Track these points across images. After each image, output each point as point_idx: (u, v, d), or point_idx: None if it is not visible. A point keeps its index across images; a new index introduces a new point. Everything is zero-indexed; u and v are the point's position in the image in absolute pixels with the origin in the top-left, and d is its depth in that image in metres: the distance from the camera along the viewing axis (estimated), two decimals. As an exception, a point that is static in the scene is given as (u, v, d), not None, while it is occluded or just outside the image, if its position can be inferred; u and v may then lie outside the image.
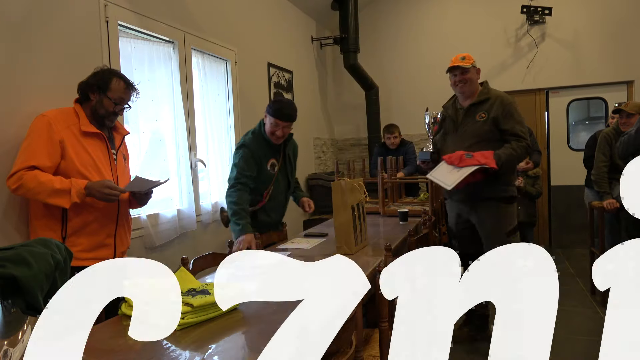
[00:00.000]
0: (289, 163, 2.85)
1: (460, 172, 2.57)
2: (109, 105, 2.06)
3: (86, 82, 2.07)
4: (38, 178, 1.87)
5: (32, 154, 1.90)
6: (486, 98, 2.75)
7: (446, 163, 2.66)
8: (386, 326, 1.75)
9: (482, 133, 2.71)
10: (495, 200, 2.74)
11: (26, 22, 2.15)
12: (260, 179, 2.69)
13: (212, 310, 1.45)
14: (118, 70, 2.16)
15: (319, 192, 5.30)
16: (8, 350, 0.86)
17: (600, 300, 3.60)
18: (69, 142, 1.96)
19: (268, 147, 2.72)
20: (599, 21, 5.34)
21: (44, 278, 0.91)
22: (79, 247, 1.97)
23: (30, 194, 1.89)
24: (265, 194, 2.74)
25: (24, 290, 0.86)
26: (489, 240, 2.78)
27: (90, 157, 2.02)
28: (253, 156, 2.65)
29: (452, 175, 2.60)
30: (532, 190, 4.69)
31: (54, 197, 1.88)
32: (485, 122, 2.72)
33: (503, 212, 2.76)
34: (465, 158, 2.59)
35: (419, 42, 5.96)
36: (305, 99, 5.45)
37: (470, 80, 2.74)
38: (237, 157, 2.68)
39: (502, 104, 2.71)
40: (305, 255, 2.34)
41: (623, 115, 3.54)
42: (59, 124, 1.96)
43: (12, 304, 0.87)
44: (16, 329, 0.89)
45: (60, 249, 1.02)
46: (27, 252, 0.91)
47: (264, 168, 2.70)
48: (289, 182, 2.87)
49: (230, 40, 3.90)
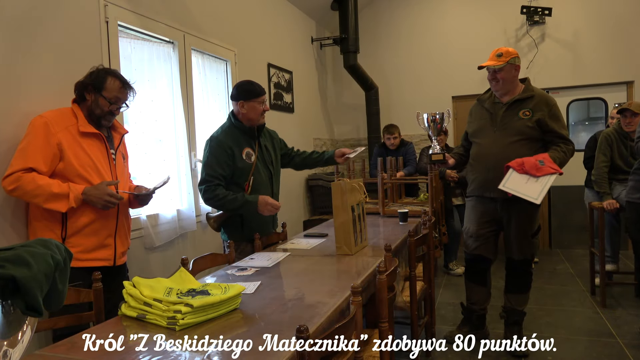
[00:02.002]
0: (267, 152, 2.71)
1: (541, 182, 2.47)
2: (105, 104, 2.05)
3: (81, 82, 2.06)
4: (36, 181, 1.86)
5: (29, 156, 1.88)
6: (530, 95, 2.70)
7: (517, 172, 2.54)
8: (386, 326, 1.75)
9: (527, 131, 2.66)
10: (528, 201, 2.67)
11: (26, 22, 2.15)
12: (237, 172, 2.55)
13: (212, 310, 1.45)
14: (114, 69, 2.15)
15: (319, 193, 5.30)
16: (8, 350, 0.86)
17: (600, 301, 3.59)
18: (67, 144, 1.95)
19: (240, 136, 2.60)
20: (599, 21, 5.34)
21: (44, 278, 0.91)
22: (79, 247, 1.97)
23: (27, 196, 1.88)
24: (247, 186, 2.59)
25: (24, 290, 0.86)
26: (516, 238, 2.76)
27: (90, 158, 2.02)
28: (221, 146, 2.52)
29: (532, 185, 2.48)
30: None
31: (51, 202, 1.87)
32: (529, 120, 2.66)
33: (533, 213, 2.75)
34: (540, 166, 2.49)
35: (418, 42, 5.96)
36: (305, 99, 5.45)
37: (503, 80, 2.68)
38: (205, 154, 2.56)
39: (548, 104, 2.67)
40: (305, 256, 2.34)
41: (628, 114, 3.52)
42: (57, 125, 1.95)
43: (11, 304, 0.87)
44: (16, 330, 0.89)
45: (60, 250, 1.01)
46: (26, 253, 0.91)
47: (237, 158, 2.55)
48: (271, 172, 2.72)
49: (230, 40, 3.90)
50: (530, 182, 2.46)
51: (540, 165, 2.48)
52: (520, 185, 2.48)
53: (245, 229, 2.61)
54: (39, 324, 1.50)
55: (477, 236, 2.87)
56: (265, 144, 2.74)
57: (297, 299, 1.63)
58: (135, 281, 1.55)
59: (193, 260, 2.10)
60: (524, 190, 2.47)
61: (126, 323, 1.46)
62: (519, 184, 2.49)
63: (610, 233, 3.94)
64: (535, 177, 2.47)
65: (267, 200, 2.50)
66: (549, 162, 2.52)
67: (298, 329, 1.09)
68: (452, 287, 4.25)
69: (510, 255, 2.83)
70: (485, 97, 2.86)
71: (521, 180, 2.49)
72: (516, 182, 2.50)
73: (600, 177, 3.62)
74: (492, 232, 2.86)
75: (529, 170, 2.47)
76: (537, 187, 2.45)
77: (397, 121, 5.50)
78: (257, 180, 2.62)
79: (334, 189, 2.31)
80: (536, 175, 2.47)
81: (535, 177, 2.47)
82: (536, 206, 2.69)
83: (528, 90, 2.73)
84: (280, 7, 4.94)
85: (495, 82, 2.70)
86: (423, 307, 2.94)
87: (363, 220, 2.45)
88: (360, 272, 1.96)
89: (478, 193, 2.84)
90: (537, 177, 2.47)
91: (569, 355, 2.78)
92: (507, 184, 2.52)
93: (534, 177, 2.47)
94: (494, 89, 2.76)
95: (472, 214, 2.90)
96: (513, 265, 2.84)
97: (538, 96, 2.70)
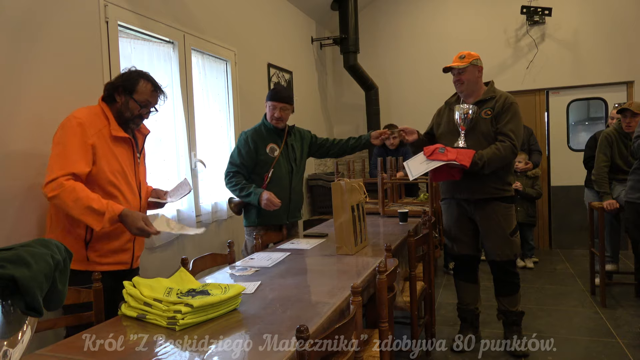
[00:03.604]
0: (292, 150, 2.97)
1: (427, 165, 2.59)
2: (135, 108, 2.01)
3: (112, 83, 2.00)
4: (77, 193, 1.80)
5: (69, 160, 1.82)
6: (492, 96, 2.74)
7: (422, 154, 2.66)
8: (386, 326, 1.75)
9: (488, 131, 2.69)
10: (500, 199, 2.73)
11: (26, 22, 2.14)
12: (259, 162, 2.86)
13: (212, 310, 1.45)
14: (146, 72, 2.08)
15: (319, 193, 5.30)
16: (8, 350, 0.86)
17: (600, 301, 3.59)
18: (100, 148, 1.91)
19: (268, 134, 2.90)
20: (598, 21, 5.34)
21: (44, 279, 0.91)
22: (100, 252, 1.94)
23: (65, 206, 1.81)
24: (266, 177, 2.87)
25: (24, 290, 0.86)
26: (492, 240, 2.77)
27: (119, 163, 1.98)
28: (248, 141, 2.86)
29: (421, 167, 2.62)
30: (532, 192, 4.69)
31: (86, 216, 1.80)
32: (491, 120, 2.70)
33: (507, 212, 2.76)
34: (437, 152, 2.59)
35: (418, 43, 5.96)
36: (305, 99, 5.45)
37: (467, 81, 2.74)
38: (235, 147, 2.92)
39: (505, 102, 2.70)
40: (306, 256, 2.34)
41: (628, 114, 3.52)
42: (91, 127, 1.89)
43: (11, 304, 0.87)
44: (16, 330, 0.89)
45: (60, 250, 1.01)
46: (26, 253, 0.91)
47: (261, 151, 2.86)
48: (292, 168, 2.96)
49: (230, 40, 3.90)
50: (423, 164, 2.62)
51: (438, 152, 2.60)
52: (414, 165, 2.67)
53: (260, 216, 2.88)
54: (39, 324, 1.50)
55: (458, 238, 2.91)
56: (293, 143, 3.00)
57: (297, 299, 1.63)
58: (135, 281, 1.55)
59: (193, 260, 2.10)
60: (413, 168, 2.65)
61: (126, 323, 1.46)
62: (415, 163, 2.68)
63: (610, 233, 3.94)
64: (428, 161, 2.61)
65: (268, 196, 2.72)
66: (452, 153, 2.57)
67: (298, 329, 1.09)
68: (452, 287, 4.23)
69: (491, 257, 2.81)
70: (452, 100, 2.90)
71: (418, 161, 2.66)
72: (414, 161, 2.69)
73: (600, 177, 3.61)
74: (472, 230, 2.87)
75: (426, 152, 2.63)
76: (422, 168, 2.62)
77: (397, 121, 5.51)
78: (277, 174, 2.88)
79: (334, 189, 2.31)
80: (428, 159, 2.61)
81: (427, 160, 2.62)
82: (510, 203, 2.75)
83: (490, 91, 2.77)
84: (280, 7, 4.94)
85: (459, 84, 2.76)
86: (423, 307, 2.94)
87: (363, 220, 2.45)
88: (360, 272, 1.96)
89: (449, 195, 2.90)
90: (429, 160, 2.61)
91: (569, 355, 2.78)
92: (409, 160, 2.73)
93: (427, 160, 2.62)
94: (458, 90, 2.81)
95: (448, 216, 2.95)
96: (496, 268, 2.82)
97: (499, 96, 2.73)
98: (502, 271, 2.81)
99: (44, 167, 2.17)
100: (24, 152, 2.11)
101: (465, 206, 2.84)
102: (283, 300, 1.62)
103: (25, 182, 2.11)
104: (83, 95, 2.39)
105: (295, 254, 2.39)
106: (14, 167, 2.07)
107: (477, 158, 2.57)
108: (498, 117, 2.69)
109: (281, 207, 2.81)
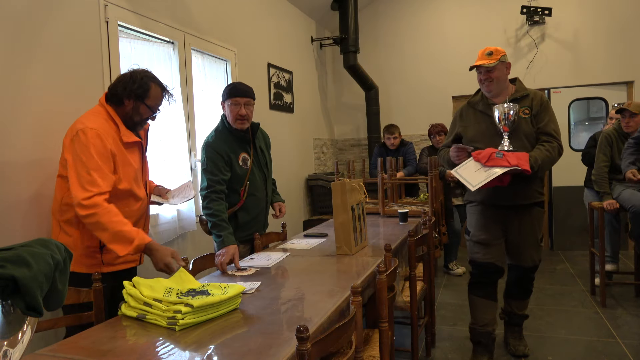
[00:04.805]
0: (261, 155, 2.66)
1: (488, 173, 2.30)
2: (146, 112, 1.99)
3: (123, 88, 1.94)
4: (111, 216, 1.77)
5: (102, 177, 1.81)
6: (526, 94, 2.56)
7: (473, 160, 2.41)
8: (386, 326, 1.75)
9: (530, 132, 2.49)
10: (539, 204, 2.58)
11: (25, 22, 2.14)
12: (234, 178, 2.50)
13: (212, 310, 1.45)
14: (154, 75, 2.03)
15: (318, 193, 5.30)
16: (8, 350, 0.86)
17: (600, 301, 3.59)
18: (118, 156, 1.90)
19: (235, 142, 2.54)
20: (599, 21, 5.34)
21: (44, 279, 0.91)
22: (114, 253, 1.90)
23: (98, 226, 1.77)
24: (242, 192, 2.55)
25: (24, 290, 0.86)
26: (525, 245, 2.60)
27: (133, 168, 1.98)
28: (219, 152, 2.46)
29: (479, 175, 2.34)
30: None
31: (116, 240, 1.78)
32: (530, 119, 2.51)
33: (542, 217, 2.63)
34: (495, 157, 2.33)
35: (418, 43, 5.96)
36: (305, 99, 5.45)
37: (496, 79, 2.53)
38: (203, 160, 2.50)
39: (542, 100, 2.54)
40: (305, 256, 2.34)
41: (626, 114, 3.52)
42: (108, 136, 1.87)
43: (11, 304, 0.87)
44: (16, 330, 0.89)
45: (60, 250, 1.01)
46: (26, 253, 0.91)
47: (235, 165, 2.50)
48: (265, 175, 2.68)
49: (230, 40, 3.90)
50: (480, 172, 2.34)
51: (496, 157, 2.32)
52: (469, 173, 2.39)
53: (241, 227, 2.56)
54: (39, 324, 1.50)
55: (487, 244, 2.62)
56: (260, 145, 2.67)
57: (297, 299, 1.63)
58: (135, 281, 1.55)
59: (193, 260, 2.10)
60: (469, 178, 2.37)
61: (126, 323, 1.46)
62: (468, 171, 2.40)
63: (610, 233, 3.94)
64: (485, 167, 2.34)
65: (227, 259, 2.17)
66: (511, 157, 2.32)
67: (298, 329, 1.09)
68: (452, 287, 4.25)
69: (519, 262, 2.65)
70: (476, 100, 2.67)
71: (472, 168, 2.39)
72: (467, 170, 2.41)
73: (600, 177, 3.61)
74: (501, 237, 2.64)
75: (481, 159, 2.36)
76: (482, 176, 2.32)
77: (397, 121, 5.51)
78: (253, 185, 2.58)
79: (334, 189, 2.31)
80: (486, 165, 2.34)
81: (485, 167, 2.34)
82: (543, 207, 2.60)
83: (522, 89, 2.60)
84: (280, 7, 4.94)
85: (488, 83, 2.53)
86: (423, 307, 2.94)
87: (363, 220, 2.45)
88: (360, 272, 1.96)
89: (486, 200, 2.61)
90: (488, 167, 2.36)
91: (569, 355, 2.78)
92: (459, 169, 2.44)
93: (484, 167, 2.34)
94: (486, 89, 2.57)
95: (479, 221, 2.65)
96: (522, 273, 2.68)
97: (534, 94, 2.58)
98: (524, 277, 2.69)
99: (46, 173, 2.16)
100: (25, 155, 2.10)
101: (504, 212, 2.59)
102: (283, 300, 1.62)
103: (28, 188, 2.10)
104: (83, 95, 2.39)
105: (295, 254, 2.39)
106: (15, 173, 2.06)
107: (532, 162, 2.34)
108: (537, 116, 2.51)
109: (255, 222, 2.61)
